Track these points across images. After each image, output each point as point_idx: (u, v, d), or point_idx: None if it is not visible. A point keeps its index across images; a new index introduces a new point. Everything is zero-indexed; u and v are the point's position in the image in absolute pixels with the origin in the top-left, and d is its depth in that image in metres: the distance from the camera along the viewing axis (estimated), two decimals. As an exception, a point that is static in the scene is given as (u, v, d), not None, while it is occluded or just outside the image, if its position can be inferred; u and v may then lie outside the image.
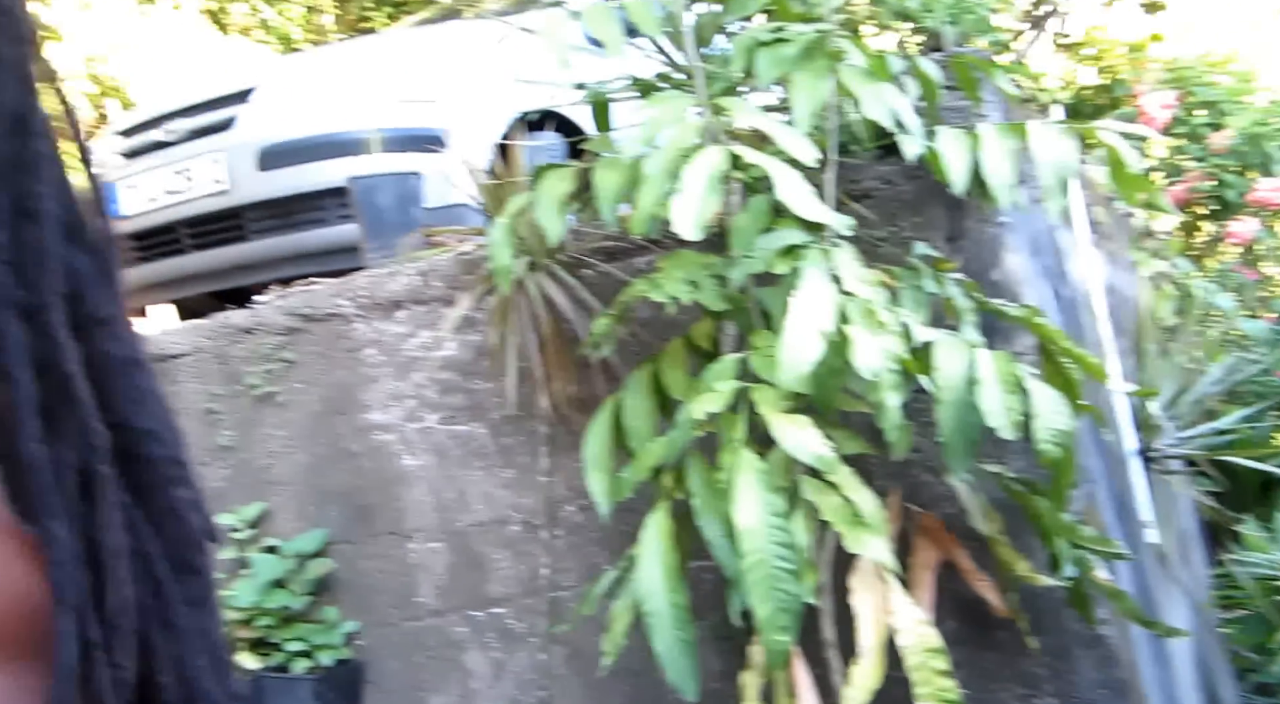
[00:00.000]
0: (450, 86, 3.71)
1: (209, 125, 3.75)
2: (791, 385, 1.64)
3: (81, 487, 0.53)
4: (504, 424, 2.73)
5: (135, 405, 0.57)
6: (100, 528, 0.52)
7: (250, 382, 3.03)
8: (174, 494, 0.57)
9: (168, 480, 0.57)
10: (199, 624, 0.57)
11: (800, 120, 1.59)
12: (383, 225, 3.12)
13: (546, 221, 1.81)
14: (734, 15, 2.03)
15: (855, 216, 1.87)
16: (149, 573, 0.54)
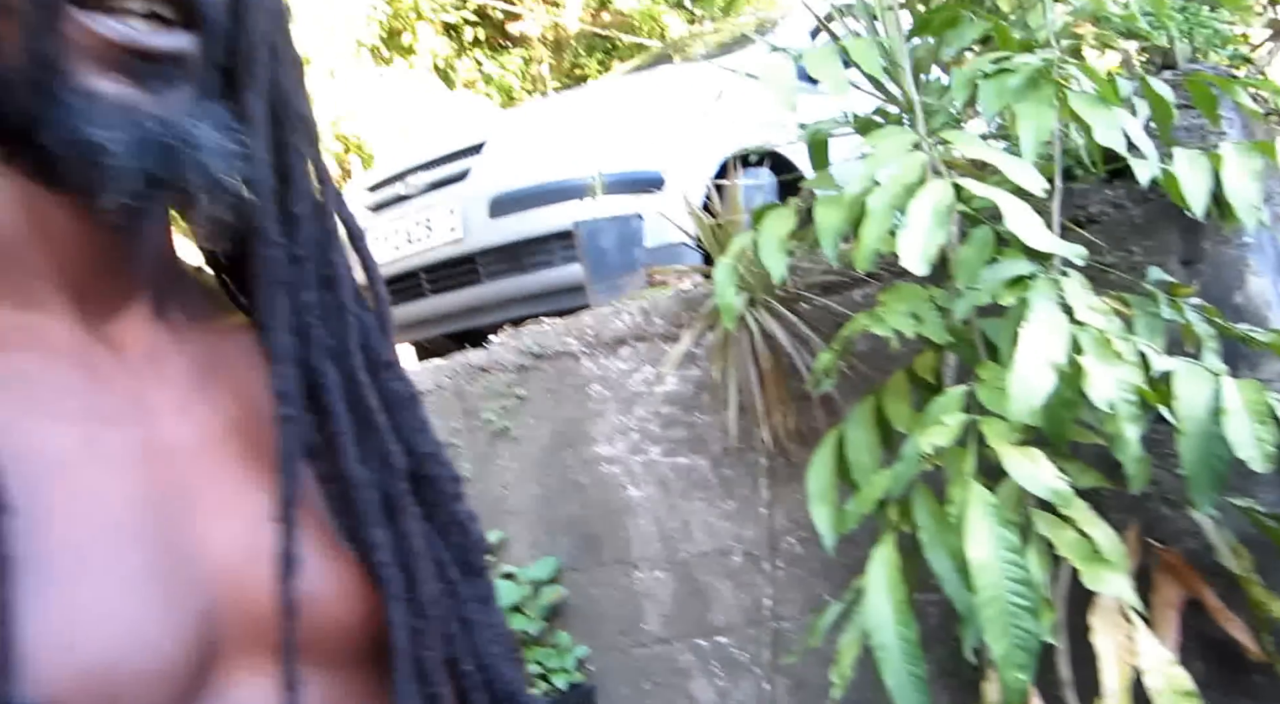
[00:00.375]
0: (665, 129, 3.84)
1: (446, 177, 4.03)
2: (1022, 418, 1.61)
3: (385, 502, 0.61)
4: (724, 456, 2.79)
5: (418, 433, 0.66)
6: (405, 536, 0.61)
7: (486, 417, 3.21)
8: (455, 507, 0.66)
9: (449, 496, 0.66)
10: (488, 618, 0.65)
11: (1027, 151, 1.58)
12: (606, 266, 3.25)
13: (770, 261, 1.86)
14: (951, 46, 2.03)
15: (1083, 243, 1.83)
16: (443, 575, 0.63)
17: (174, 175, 0.51)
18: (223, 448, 0.57)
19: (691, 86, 3.98)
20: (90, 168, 0.49)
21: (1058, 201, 1.78)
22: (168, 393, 0.56)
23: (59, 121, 0.49)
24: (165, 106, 0.51)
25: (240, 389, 0.60)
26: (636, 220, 3.30)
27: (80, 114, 0.49)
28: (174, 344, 0.59)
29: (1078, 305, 1.62)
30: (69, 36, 0.49)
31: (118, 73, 0.50)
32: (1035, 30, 1.93)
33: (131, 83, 0.50)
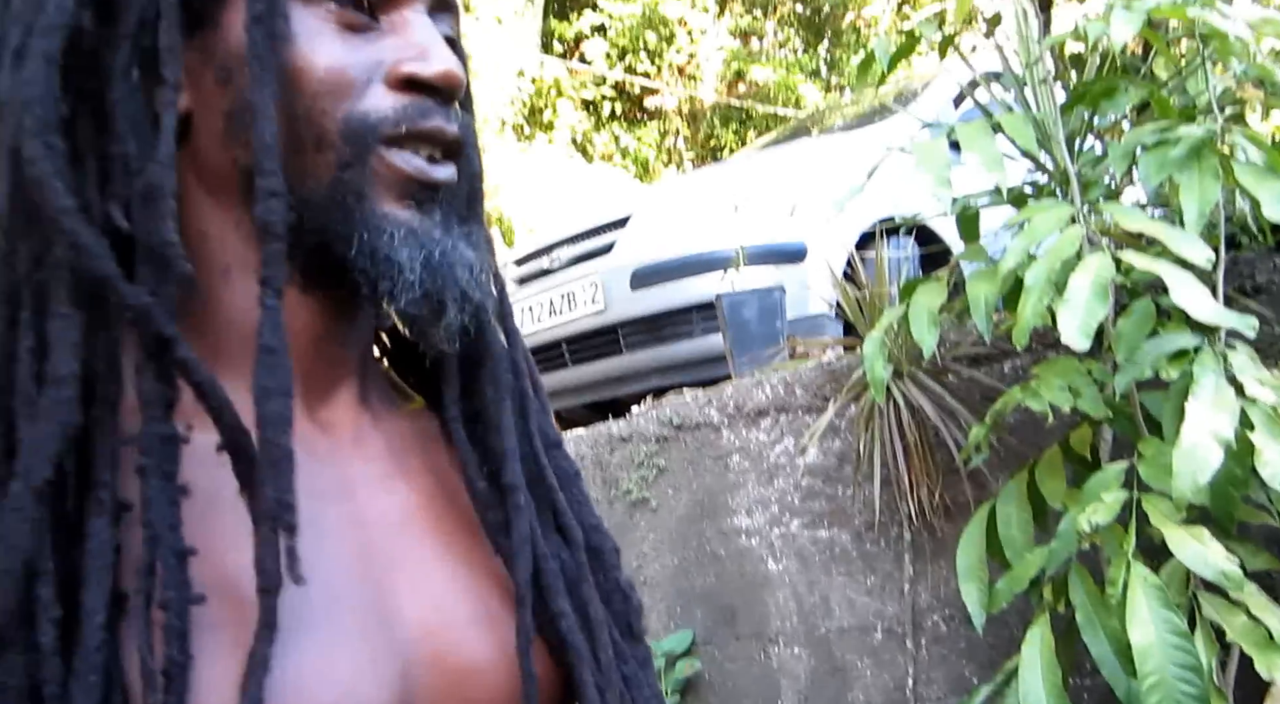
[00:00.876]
0: (806, 200, 3.86)
1: (590, 251, 4.14)
2: (1188, 496, 1.55)
3: (564, 572, 0.66)
4: (867, 530, 2.75)
5: (582, 506, 0.71)
6: (585, 604, 0.65)
7: (625, 487, 3.24)
8: (617, 576, 0.70)
9: (611, 566, 0.71)
10: (648, 679, 0.69)
11: (1191, 223, 1.54)
12: (748, 338, 3.27)
13: (921, 335, 1.85)
14: (1105, 116, 2.01)
15: (1249, 313, 1.76)
16: (610, 638, 0.67)
17: (444, 290, 0.58)
18: (417, 522, 0.63)
19: (832, 157, 4.01)
20: (385, 282, 0.57)
21: (1222, 271, 1.72)
22: (370, 471, 0.63)
23: (363, 240, 0.57)
24: (436, 229, 0.59)
25: (428, 468, 0.67)
26: (779, 292, 3.32)
27: (382, 235, 0.57)
28: (373, 426, 0.65)
29: (1246, 379, 1.56)
30: (374, 169, 0.57)
31: (406, 200, 0.58)
32: (1195, 96, 1.89)
33: (415, 208, 0.59)
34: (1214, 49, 1.74)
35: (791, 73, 13.51)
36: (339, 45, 0.58)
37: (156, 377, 0.51)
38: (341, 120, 0.57)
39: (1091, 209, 1.78)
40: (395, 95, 0.58)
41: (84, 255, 0.49)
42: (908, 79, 4.98)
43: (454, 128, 0.60)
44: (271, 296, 0.53)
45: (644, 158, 13.12)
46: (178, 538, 0.49)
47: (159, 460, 0.50)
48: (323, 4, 0.58)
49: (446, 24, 0.64)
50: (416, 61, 0.59)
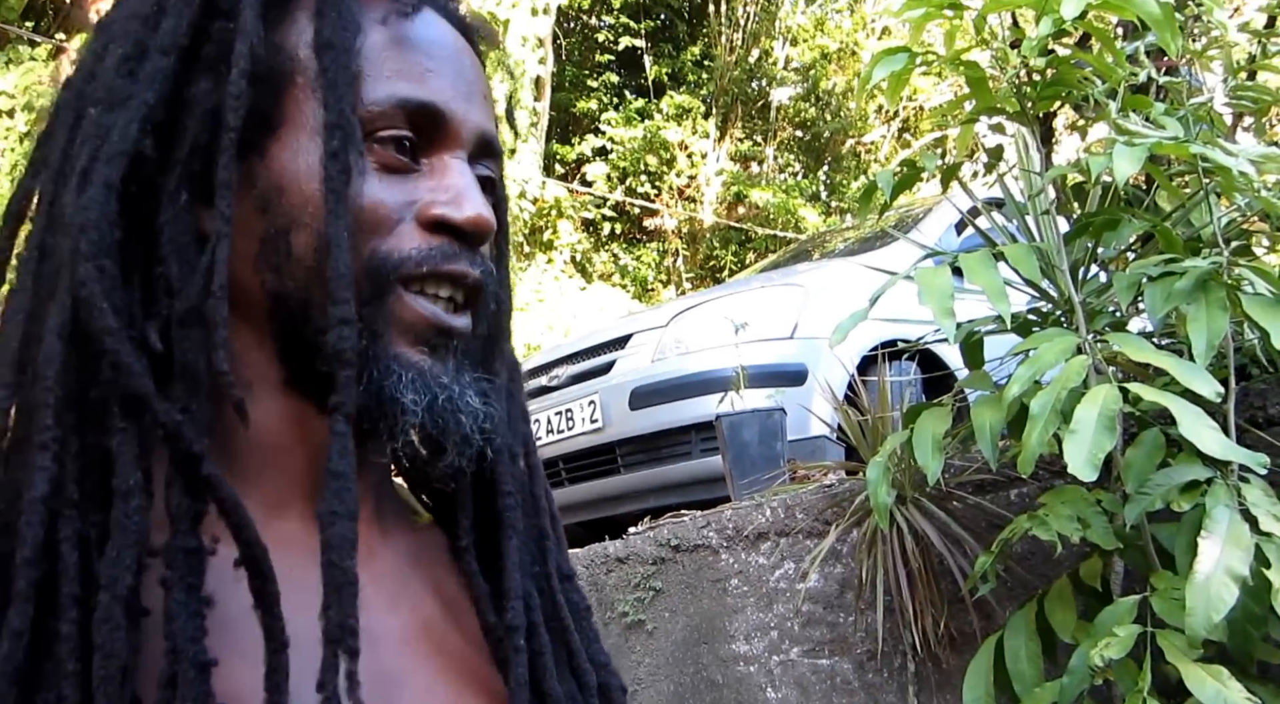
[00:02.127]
0: (807, 322, 3.88)
1: (590, 370, 4.15)
2: (1204, 633, 1.51)
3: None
4: (869, 660, 2.67)
5: (592, 643, 0.70)
6: None
7: (622, 609, 3.17)
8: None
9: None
10: None
11: (1199, 355, 1.54)
12: (748, 459, 3.25)
13: (925, 461, 1.83)
14: (1108, 247, 2.03)
15: (1262, 446, 1.75)
16: None
17: (445, 435, 0.59)
18: (423, 641, 0.63)
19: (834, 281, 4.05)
20: (385, 420, 0.58)
21: (1233, 404, 1.71)
22: (377, 589, 0.63)
23: (371, 378, 0.58)
24: (446, 374, 0.60)
25: (435, 585, 0.67)
26: (779, 414, 3.31)
27: (390, 376, 0.58)
28: (383, 545, 0.66)
29: (1261, 514, 1.54)
30: (391, 309, 0.59)
31: (420, 344, 0.60)
32: (1199, 229, 1.91)
33: (428, 353, 0.60)
34: (1217, 183, 1.77)
35: (791, 196, 13.79)
36: (377, 184, 0.60)
37: (184, 491, 0.52)
38: (366, 257, 0.58)
39: (1097, 338, 1.78)
40: (424, 236, 0.60)
41: (123, 373, 0.51)
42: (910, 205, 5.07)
43: (476, 273, 0.62)
44: (341, 423, 0.55)
45: (643, 277, 13.28)
46: (200, 650, 0.49)
47: (183, 573, 0.51)
48: (367, 145, 0.60)
49: (488, 167, 0.66)
50: (448, 205, 0.61)
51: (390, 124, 0.60)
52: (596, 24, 15.09)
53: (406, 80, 0.61)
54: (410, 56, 0.62)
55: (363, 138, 0.60)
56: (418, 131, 0.61)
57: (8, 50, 9.12)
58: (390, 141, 0.60)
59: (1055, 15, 1.74)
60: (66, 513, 0.50)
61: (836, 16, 16.07)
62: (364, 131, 0.60)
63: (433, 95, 0.62)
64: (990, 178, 2.34)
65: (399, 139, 0.61)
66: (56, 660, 0.48)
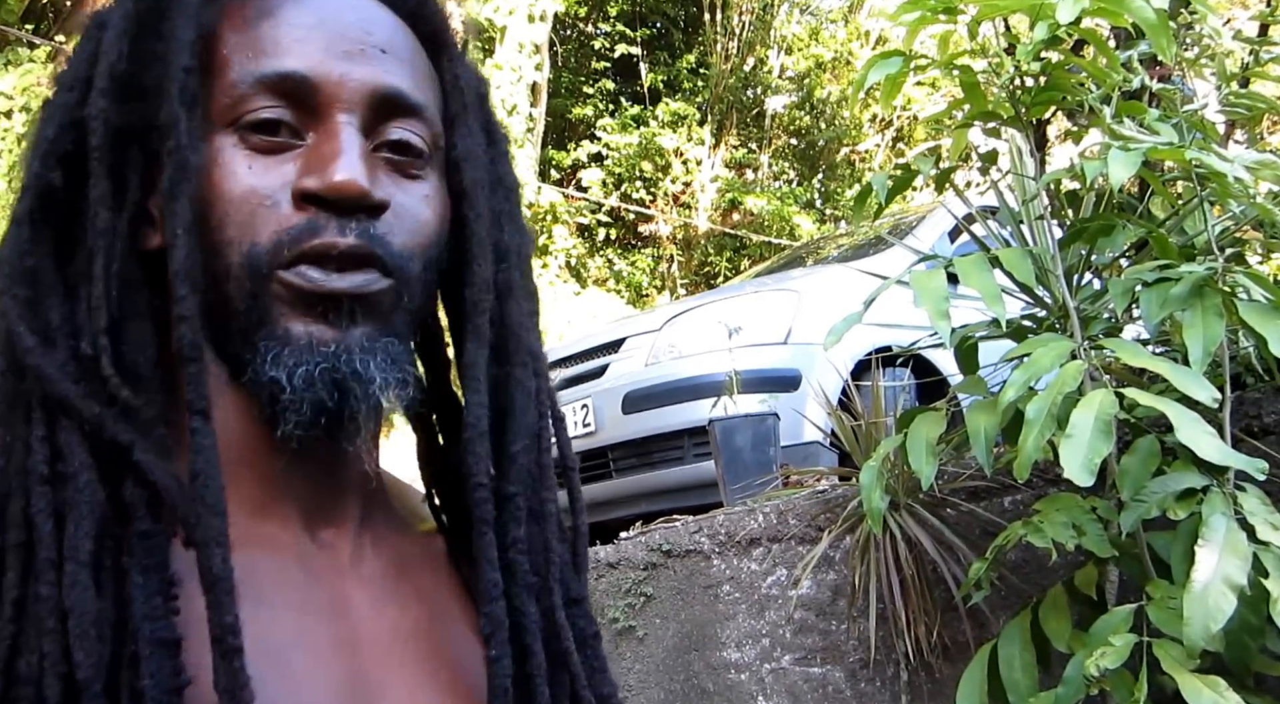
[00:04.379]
0: (801, 327, 3.87)
1: (583, 373, 4.13)
2: (1201, 643, 1.50)
3: None
4: (861, 669, 2.66)
5: (599, 674, 0.67)
6: None
7: (612, 615, 3.15)
8: None
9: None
10: None
11: (1195, 361, 1.53)
12: (740, 465, 3.23)
13: (919, 466, 1.81)
14: (1103, 253, 2.02)
15: (1258, 454, 1.73)
16: None
17: (340, 406, 0.57)
18: (408, 646, 0.62)
19: (829, 285, 4.04)
20: (271, 401, 0.57)
21: (1228, 412, 1.70)
22: (365, 592, 0.62)
23: (252, 364, 0.57)
24: (345, 342, 0.58)
25: (426, 591, 0.65)
26: (773, 419, 3.29)
27: (267, 356, 0.57)
28: (373, 548, 0.64)
29: (1258, 522, 1.53)
30: (272, 292, 0.57)
31: (308, 314, 0.58)
32: (1193, 236, 1.90)
33: (320, 322, 0.58)
34: (1212, 190, 1.76)
35: (786, 203, 13.80)
36: (245, 171, 0.58)
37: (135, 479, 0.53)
38: (245, 254, 0.57)
39: (1092, 344, 1.76)
40: (296, 214, 0.58)
41: (44, 382, 0.54)
42: (904, 212, 5.07)
43: (349, 240, 0.58)
44: (199, 420, 0.53)
45: (637, 283, 13.27)
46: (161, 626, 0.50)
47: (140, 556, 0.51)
48: (234, 132, 0.59)
49: (407, 128, 0.63)
50: (311, 175, 0.58)
51: (253, 106, 0.58)
52: (593, 31, 15.11)
53: (267, 56, 0.59)
54: (273, 30, 0.60)
55: (231, 125, 0.58)
56: (292, 105, 0.59)
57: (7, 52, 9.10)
58: (258, 125, 0.59)
59: (1051, 20, 1.73)
60: (39, 488, 0.52)
61: (831, 26, 16.12)
62: (230, 119, 0.58)
63: (295, 63, 0.59)
64: (984, 186, 2.33)
65: (267, 121, 0.59)
66: (37, 620, 0.49)
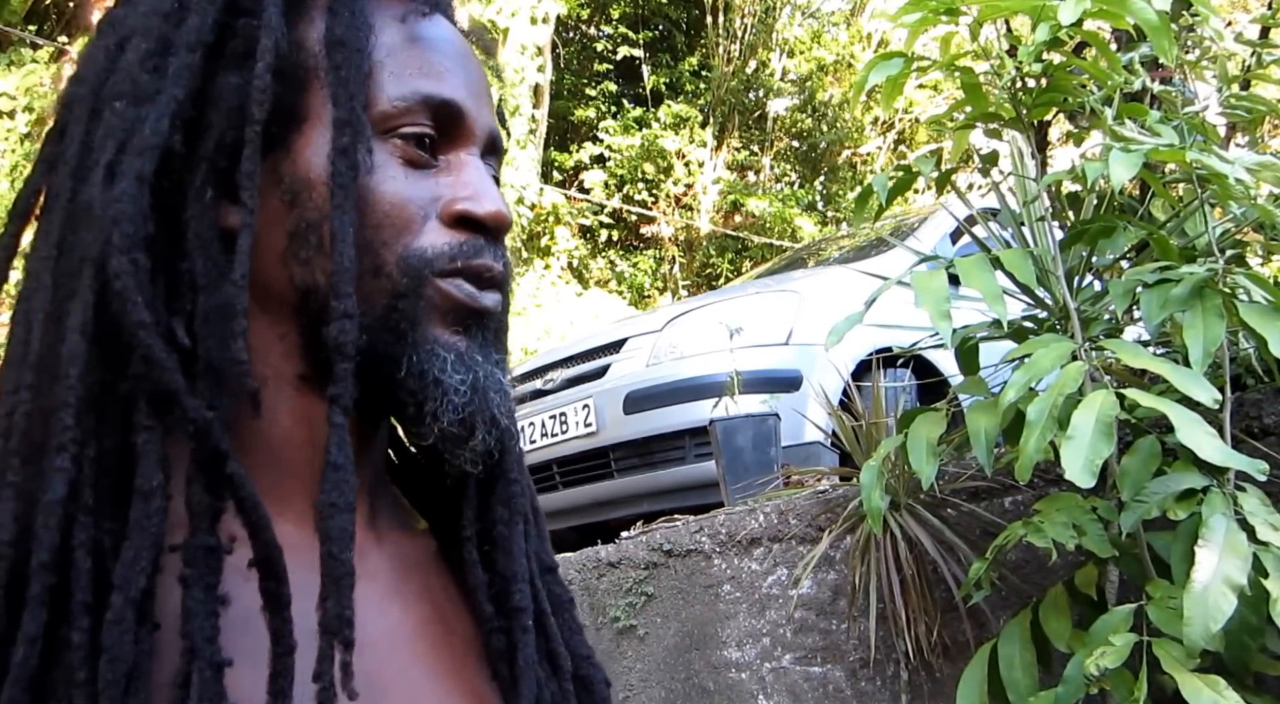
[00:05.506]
0: (802, 328, 3.88)
1: (585, 373, 4.13)
2: (1201, 643, 1.50)
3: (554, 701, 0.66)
4: (861, 668, 2.66)
5: (574, 635, 0.71)
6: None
7: (613, 614, 3.16)
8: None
9: (601, 698, 0.70)
10: None
11: (1196, 361, 1.54)
12: (741, 465, 3.24)
13: (920, 466, 1.82)
14: (1103, 255, 2.02)
15: (1258, 456, 1.74)
16: None
17: (478, 414, 0.61)
18: (412, 644, 0.63)
19: (831, 287, 4.04)
20: (431, 402, 0.60)
21: (1229, 413, 1.71)
22: (368, 590, 0.62)
23: (413, 362, 0.59)
24: (479, 354, 0.62)
25: (427, 590, 0.67)
26: (774, 420, 3.30)
27: (434, 359, 0.60)
28: (376, 546, 0.65)
29: (1258, 523, 1.53)
30: (426, 296, 0.60)
31: (456, 326, 0.61)
32: (1194, 238, 1.91)
33: (463, 334, 0.61)
34: (1213, 192, 1.76)
35: (787, 205, 13.81)
36: (402, 180, 0.61)
37: (206, 489, 0.52)
38: (400, 254, 0.60)
39: (1093, 345, 1.77)
40: (449, 232, 0.62)
41: (155, 369, 0.51)
42: (905, 214, 5.07)
43: (500, 265, 0.64)
44: (339, 414, 0.55)
45: (639, 284, 13.28)
46: (216, 650, 0.49)
47: (202, 571, 0.50)
48: (390, 140, 0.61)
49: (493, 166, 0.68)
50: (470, 201, 0.62)
51: (414, 120, 0.62)
52: (595, 34, 15.13)
53: (427, 78, 0.63)
54: (429, 55, 0.64)
55: (387, 133, 0.61)
56: (438, 128, 0.63)
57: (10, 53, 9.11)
58: (413, 137, 0.62)
59: (1053, 21, 1.74)
60: (82, 518, 0.49)
61: (833, 29, 16.13)
62: (388, 127, 0.61)
63: (453, 92, 0.64)
64: (985, 188, 2.34)
65: (420, 135, 0.62)
66: (67, 668, 0.47)
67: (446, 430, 0.60)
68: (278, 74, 0.58)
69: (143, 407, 0.51)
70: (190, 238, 0.56)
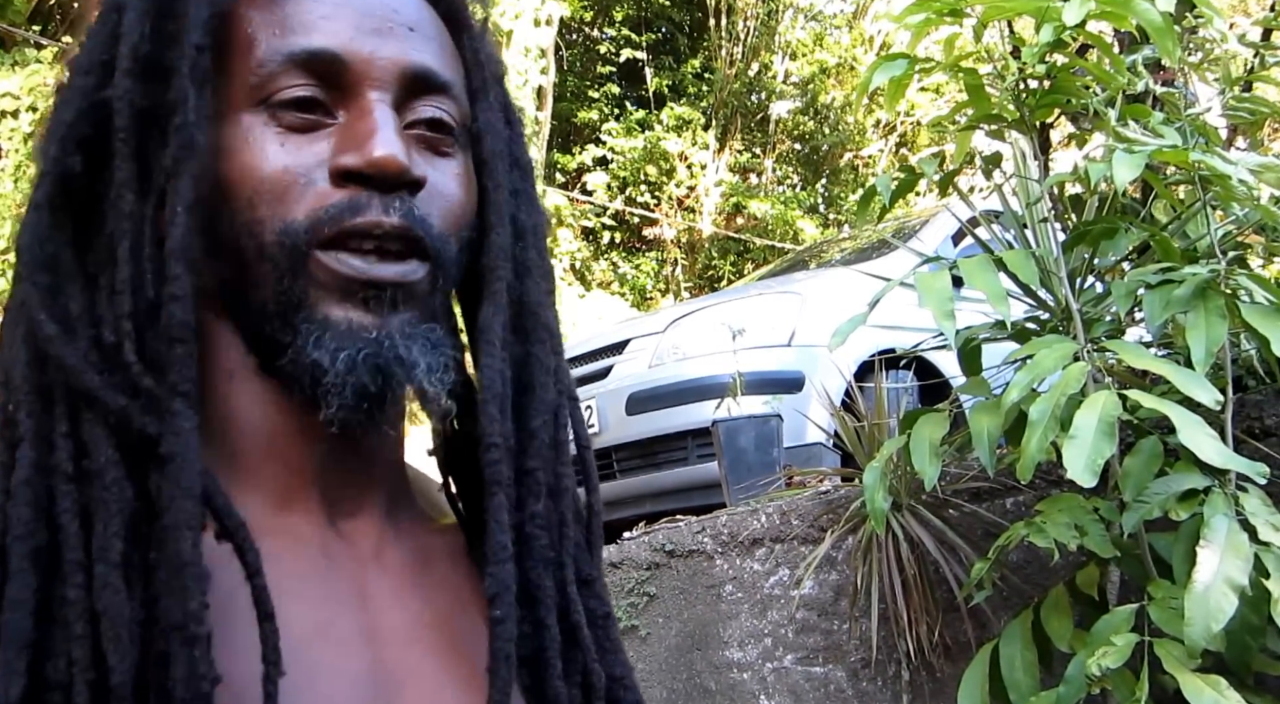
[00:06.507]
0: (805, 330, 3.88)
1: (587, 375, 4.14)
2: (1202, 642, 1.51)
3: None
4: (863, 668, 2.66)
5: (611, 655, 0.66)
6: None
7: (615, 615, 3.16)
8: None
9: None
10: None
11: (1198, 362, 1.54)
12: (743, 466, 3.24)
13: (922, 467, 1.82)
14: (1105, 256, 2.03)
15: (1259, 456, 1.75)
16: None
17: (383, 390, 0.57)
18: (430, 638, 0.61)
19: (832, 288, 4.05)
20: (312, 384, 0.56)
21: (1230, 414, 1.71)
22: (386, 584, 0.61)
23: (292, 346, 0.56)
24: (386, 328, 0.57)
25: (447, 584, 0.65)
26: (776, 420, 3.30)
27: (309, 339, 0.56)
28: (395, 539, 0.64)
29: (1259, 523, 1.54)
30: (311, 274, 0.57)
31: (348, 301, 0.57)
32: (1195, 239, 1.91)
33: (360, 308, 0.57)
34: (1215, 193, 1.77)
35: (789, 208, 13.81)
36: (276, 150, 0.57)
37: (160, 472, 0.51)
38: (279, 230, 0.56)
39: (1095, 346, 1.77)
40: (334, 191, 0.57)
41: (67, 372, 0.52)
42: (907, 216, 5.07)
43: (394, 219, 0.57)
44: (181, 402, 0.52)
45: (642, 285, 13.28)
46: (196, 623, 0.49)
47: None
48: (265, 111, 0.58)
49: (436, 106, 0.62)
50: (351, 152, 0.57)
51: (285, 83, 0.58)
52: (598, 36, 15.13)
53: (294, 33, 0.58)
54: (300, 8, 0.59)
55: (260, 103, 0.57)
56: (323, 83, 0.58)
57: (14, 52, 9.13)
58: (290, 103, 0.58)
59: (1057, 22, 1.74)
60: (63, 488, 0.50)
61: (836, 32, 16.13)
62: (261, 97, 0.57)
63: (325, 40, 0.58)
64: (988, 190, 2.34)
65: (299, 99, 0.58)
66: (65, 625, 0.48)
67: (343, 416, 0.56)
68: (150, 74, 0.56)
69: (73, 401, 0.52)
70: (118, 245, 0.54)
